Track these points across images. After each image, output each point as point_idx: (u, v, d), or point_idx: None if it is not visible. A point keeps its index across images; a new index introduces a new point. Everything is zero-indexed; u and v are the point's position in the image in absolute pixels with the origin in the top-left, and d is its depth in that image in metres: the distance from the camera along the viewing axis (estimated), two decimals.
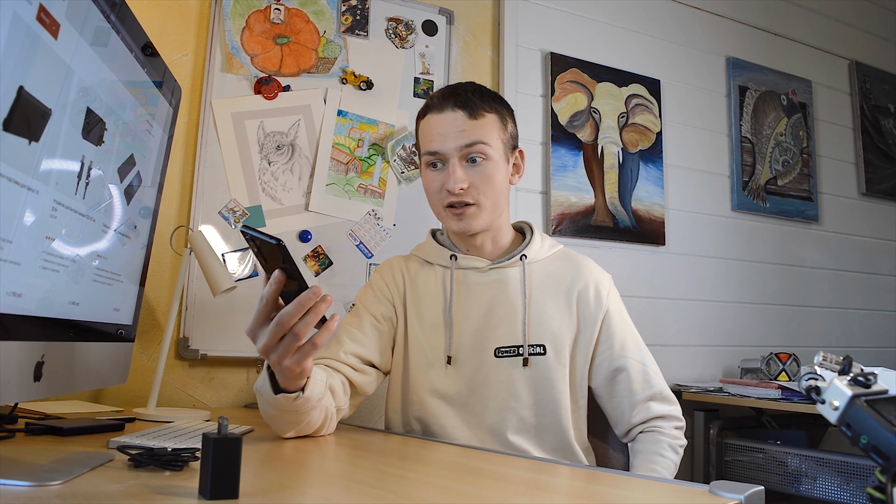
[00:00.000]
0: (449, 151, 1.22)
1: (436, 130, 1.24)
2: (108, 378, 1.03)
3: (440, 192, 1.25)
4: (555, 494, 0.84)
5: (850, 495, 1.77)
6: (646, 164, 2.32)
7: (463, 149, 1.22)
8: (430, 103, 1.27)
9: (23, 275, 0.71)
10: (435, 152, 1.24)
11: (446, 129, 1.23)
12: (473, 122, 1.22)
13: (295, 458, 0.98)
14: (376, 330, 1.28)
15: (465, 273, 1.30)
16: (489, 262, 1.30)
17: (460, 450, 1.10)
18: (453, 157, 1.22)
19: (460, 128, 1.22)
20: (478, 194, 1.23)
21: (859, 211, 2.87)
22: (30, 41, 0.67)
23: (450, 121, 1.23)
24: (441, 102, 1.24)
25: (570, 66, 2.21)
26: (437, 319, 1.28)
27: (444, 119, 1.23)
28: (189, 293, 1.63)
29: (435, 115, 1.25)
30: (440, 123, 1.24)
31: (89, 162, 0.84)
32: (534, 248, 1.32)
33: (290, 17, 1.80)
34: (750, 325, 2.50)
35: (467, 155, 1.22)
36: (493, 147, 1.23)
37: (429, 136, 1.25)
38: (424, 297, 1.31)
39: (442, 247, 1.34)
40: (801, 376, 0.70)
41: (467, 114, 1.22)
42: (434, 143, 1.24)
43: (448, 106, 1.23)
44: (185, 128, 1.68)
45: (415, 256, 1.38)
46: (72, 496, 0.66)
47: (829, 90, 2.87)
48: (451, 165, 1.22)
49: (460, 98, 1.23)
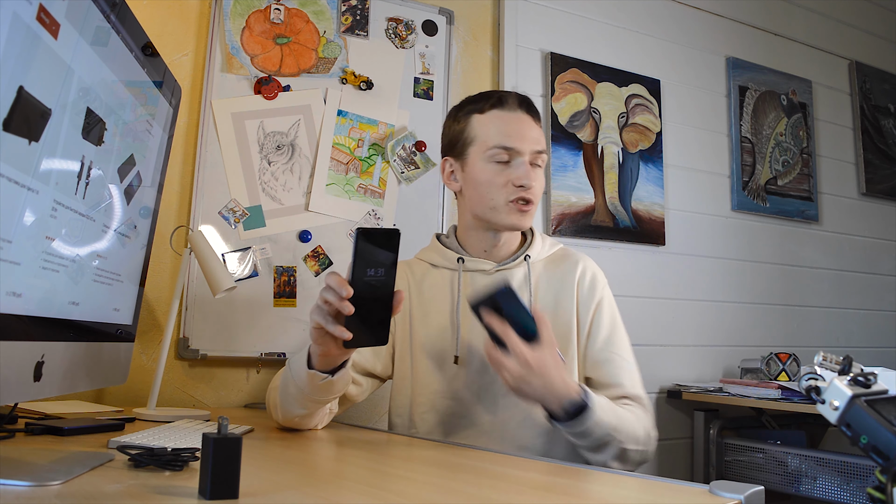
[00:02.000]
0: (525, 150, 1.27)
1: (512, 127, 1.28)
2: (108, 378, 1.03)
3: (506, 187, 1.27)
4: (555, 494, 0.84)
5: (850, 495, 1.77)
6: (646, 164, 2.32)
7: (534, 153, 1.28)
8: (501, 99, 1.30)
9: (23, 275, 0.71)
10: (510, 148, 1.27)
11: (523, 129, 1.28)
12: (539, 130, 1.31)
13: (295, 458, 0.98)
14: None
15: (472, 275, 1.33)
16: (495, 263, 1.33)
17: (461, 450, 1.10)
18: (527, 156, 1.27)
19: (533, 133, 1.29)
20: (535, 196, 1.29)
21: (859, 211, 2.87)
22: (30, 41, 0.67)
23: (525, 121, 1.29)
24: (513, 102, 1.29)
25: (570, 66, 2.21)
26: (445, 321, 1.31)
27: (518, 118, 1.29)
28: (189, 293, 1.63)
29: (505, 112, 1.29)
30: (515, 122, 1.28)
31: (89, 162, 0.84)
32: (536, 248, 1.36)
33: (290, 17, 1.80)
34: (750, 325, 2.50)
35: (535, 159, 1.29)
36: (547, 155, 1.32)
37: (502, 130, 1.28)
38: (431, 299, 1.33)
39: (448, 249, 1.36)
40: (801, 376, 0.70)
41: (534, 120, 1.31)
42: (511, 140, 1.27)
43: (519, 107, 1.29)
44: (185, 128, 1.68)
45: (419, 260, 1.41)
46: (72, 496, 0.66)
47: (829, 90, 2.87)
48: (525, 164, 1.27)
49: (527, 102, 1.31)
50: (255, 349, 1.68)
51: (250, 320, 1.68)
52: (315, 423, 1.19)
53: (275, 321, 1.70)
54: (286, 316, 1.72)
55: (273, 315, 1.70)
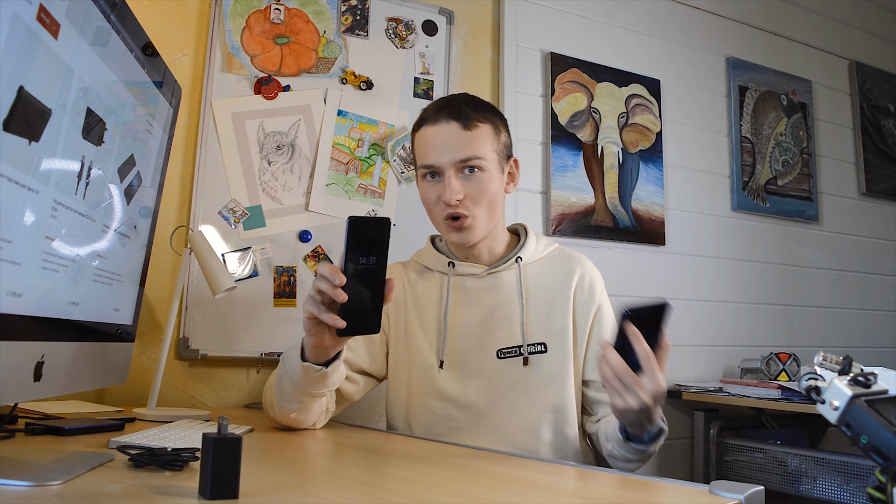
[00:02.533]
0: (444, 165, 1.24)
1: (431, 143, 1.26)
2: (108, 378, 1.03)
3: (437, 204, 1.27)
4: (555, 494, 0.84)
5: (850, 495, 1.77)
6: (646, 164, 2.32)
7: (458, 163, 1.24)
8: (425, 115, 1.29)
9: (23, 275, 0.71)
10: (430, 165, 1.25)
11: (441, 141, 1.24)
12: (468, 134, 1.24)
13: (295, 458, 0.98)
14: (365, 339, 1.31)
15: (462, 279, 1.33)
16: (486, 267, 1.33)
17: (461, 450, 1.10)
18: (449, 170, 1.24)
19: (455, 140, 1.23)
20: (473, 206, 1.25)
21: (859, 211, 2.87)
22: (30, 41, 0.67)
23: (444, 133, 1.24)
24: (435, 115, 1.26)
25: (570, 66, 2.21)
26: (436, 325, 1.31)
27: (438, 131, 1.25)
28: (189, 293, 1.63)
29: (430, 126, 1.26)
30: (435, 136, 1.25)
31: (89, 162, 0.84)
32: (528, 249, 1.34)
33: (290, 17, 1.80)
34: (750, 325, 2.50)
35: (462, 167, 1.24)
36: (487, 159, 1.25)
37: (425, 148, 1.27)
38: (425, 303, 1.33)
39: (440, 254, 1.36)
40: (801, 376, 0.70)
41: (461, 125, 1.24)
42: (430, 157, 1.25)
43: (442, 118, 1.25)
44: (185, 128, 1.68)
45: (414, 262, 1.41)
46: (72, 496, 0.66)
47: (829, 90, 2.87)
48: (448, 178, 1.24)
49: (454, 109, 1.25)
50: (255, 349, 1.68)
51: (250, 320, 1.68)
52: (311, 421, 1.19)
53: (275, 321, 1.70)
54: (286, 316, 1.72)
55: (273, 315, 1.70)
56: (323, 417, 1.23)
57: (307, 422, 1.19)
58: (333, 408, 1.26)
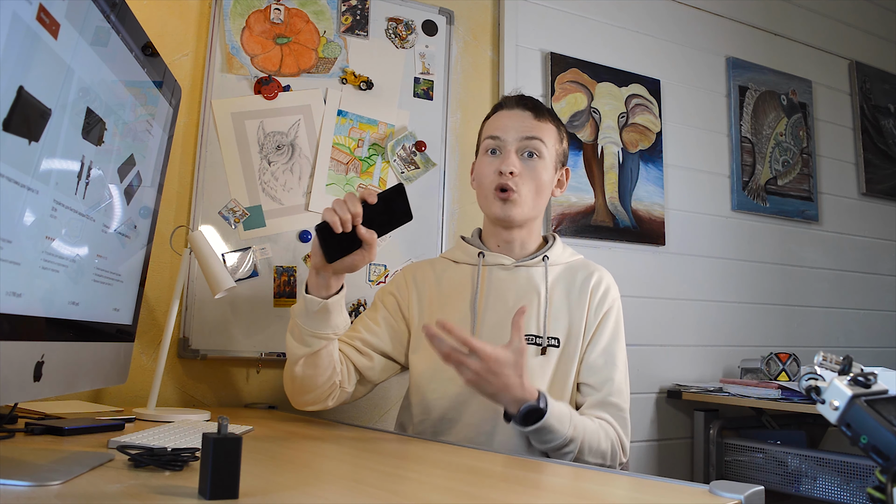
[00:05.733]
0: (509, 139, 1.34)
1: (502, 121, 1.36)
2: (108, 378, 1.03)
3: (492, 175, 1.34)
4: (554, 494, 0.84)
5: (850, 495, 1.77)
6: (646, 164, 2.32)
7: (522, 140, 1.33)
8: (502, 103, 1.40)
9: (23, 275, 0.71)
10: (496, 136, 1.35)
11: (511, 122, 1.35)
12: (537, 123, 1.35)
13: (295, 458, 0.98)
14: (387, 324, 1.38)
15: (491, 269, 1.39)
16: (515, 260, 1.38)
17: (461, 450, 1.10)
18: (511, 146, 1.33)
19: (524, 122, 1.35)
20: (523, 185, 1.33)
21: (859, 211, 2.87)
22: (30, 41, 0.67)
23: (517, 116, 1.36)
24: (512, 102, 1.38)
25: (570, 66, 2.21)
26: (463, 312, 1.35)
27: (511, 114, 1.36)
28: (189, 293, 1.62)
29: (504, 111, 1.38)
30: (507, 117, 1.36)
31: (89, 162, 0.84)
32: (555, 251, 1.41)
33: (290, 17, 1.80)
34: (750, 325, 2.50)
35: (525, 148, 1.33)
36: (548, 148, 1.35)
37: (494, 124, 1.38)
38: (450, 293, 1.38)
39: (470, 246, 1.43)
40: (801, 376, 0.71)
41: (533, 115, 1.36)
42: (497, 130, 1.36)
43: (518, 105, 1.37)
44: (185, 128, 1.68)
45: (442, 258, 1.48)
46: (72, 496, 0.66)
47: (829, 90, 2.87)
48: (507, 152, 1.33)
49: (530, 102, 1.38)
50: (255, 349, 1.68)
51: (250, 320, 1.68)
52: (322, 379, 1.23)
53: (275, 321, 1.70)
54: (286, 316, 1.71)
55: (273, 315, 1.70)
56: (337, 393, 1.27)
57: (317, 380, 1.23)
58: (349, 388, 1.30)
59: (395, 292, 1.41)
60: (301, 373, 1.22)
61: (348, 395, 1.31)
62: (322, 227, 1.10)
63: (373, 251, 1.14)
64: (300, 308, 1.18)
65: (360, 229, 1.11)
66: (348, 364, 1.30)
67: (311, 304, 1.16)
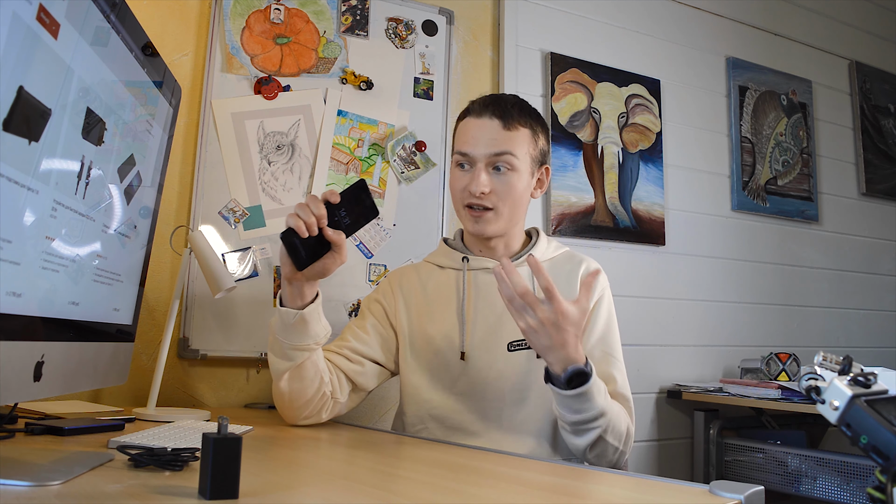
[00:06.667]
0: (478, 156, 1.29)
1: (470, 133, 1.30)
2: (108, 378, 1.03)
3: (463, 192, 1.31)
4: (554, 494, 0.84)
5: (850, 495, 1.77)
6: (646, 164, 2.32)
7: (491, 157, 1.28)
8: (471, 107, 1.33)
9: (23, 275, 0.71)
10: (465, 153, 1.30)
11: (480, 134, 1.29)
12: (506, 133, 1.29)
13: (295, 458, 0.98)
14: (376, 332, 1.35)
15: (476, 274, 1.36)
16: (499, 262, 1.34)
17: (460, 450, 1.10)
18: (480, 162, 1.29)
19: (493, 136, 1.28)
20: (497, 201, 1.29)
21: (859, 211, 2.87)
22: (30, 41, 0.67)
23: (485, 127, 1.29)
24: (480, 109, 1.31)
25: (570, 66, 2.21)
26: (451, 319, 1.33)
27: (480, 124, 1.30)
28: (189, 293, 1.62)
29: (473, 119, 1.31)
30: (475, 128, 1.30)
31: (89, 162, 0.84)
32: (540, 248, 1.39)
33: (290, 17, 1.80)
34: (750, 325, 2.50)
35: (494, 163, 1.29)
36: (519, 159, 1.29)
37: (463, 137, 1.32)
38: (437, 298, 1.36)
39: (453, 250, 1.40)
40: (801, 376, 0.70)
41: (502, 124, 1.29)
42: (466, 146, 1.30)
43: (486, 113, 1.30)
44: (185, 128, 1.68)
45: (426, 263, 1.44)
46: (72, 496, 0.66)
47: (829, 90, 2.87)
48: (477, 169, 1.29)
49: (499, 108, 1.30)
50: (255, 349, 1.68)
51: (250, 320, 1.68)
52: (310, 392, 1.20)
53: None
54: None
55: (273, 315, 1.70)
56: (329, 405, 1.24)
57: (306, 393, 1.20)
58: (342, 398, 1.26)
59: (381, 300, 1.39)
60: (288, 388, 1.19)
61: (342, 406, 1.28)
62: (287, 234, 1.06)
63: (343, 252, 1.11)
64: (276, 322, 1.15)
65: (327, 231, 1.08)
66: (339, 374, 1.27)
67: (286, 316, 1.13)
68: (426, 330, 1.33)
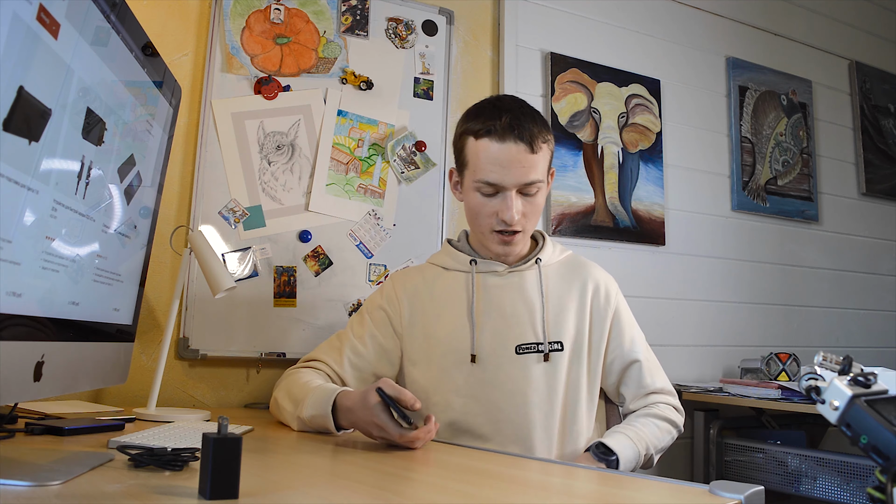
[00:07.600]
0: (509, 185, 1.25)
1: (496, 160, 1.24)
2: (108, 378, 1.03)
3: (490, 217, 1.28)
4: (555, 494, 0.84)
5: (850, 495, 1.77)
6: (646, 164, 2.32)
7: (523, 185, 1.26)
8: (490, 128, 1.25)
9: (23, 275, 0.71)
10: (493, 184, 1.26)
11: (508, 161, 1.24)
12: (532, 158, 1.25)
13: (295, 459, 0.98)
14: (375, 343, 1.35)
15: (484, 276, 1.36)
16: (507, 266, 1.36)
17: (461, 450, 1.10)
18: (512, 191, 1.26)
19: (522, 163, 1.24)
20: (526, 222, 1.30)
21: (859, 211, 2.87)
22: (30, 41, 0.67)
23: (512, 154, 1.23)
24: (503, 132, 1.23)
25: (570, 66, 2.21)
26: (459, 322, 1.33)
27: (506, 150, 1.24)
28: (189, 293, 1.62)
29: (495, 143, 1.24)
30: (501, 154, 1.24)
31: (89, 162, 0.84)
32: (546, 252, 1.39)
33: (290, 17, 1.80)
34: (750, 325, 2.50)
35: (525, 189, 1.27)
36: (543, 179, 1.29)
37: (487, 164, 1.25)
38: (444, 302, 1.35)
39: (460, 252, 1.39)
40: (801, 376, 0.70)
41: (528, 148, 1.24)
42: (494, 175, 1.25)
43: (510, 137, 1.23)
44: (185, 128, 1.68)
45: (431, 265, 1.43)
46: (72, 496, 0.66)
47: (829, 90, 2.87)
48: (510, 198, 1.25)
49: (522, 130, 1.23)
50: (255, 349, 1.68)
51: (250, 320, 1.68)
52: None
53: (275, 321, 1.70)
54: (286, 316, 1.72)
55: (273, 315, 1.70)
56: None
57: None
58: None
59: (385, 307, 1.36)
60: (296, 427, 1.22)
61: None
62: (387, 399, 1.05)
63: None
64: (311, 411, 1.17)
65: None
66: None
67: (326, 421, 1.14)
68: (434, 332, 1.33)
